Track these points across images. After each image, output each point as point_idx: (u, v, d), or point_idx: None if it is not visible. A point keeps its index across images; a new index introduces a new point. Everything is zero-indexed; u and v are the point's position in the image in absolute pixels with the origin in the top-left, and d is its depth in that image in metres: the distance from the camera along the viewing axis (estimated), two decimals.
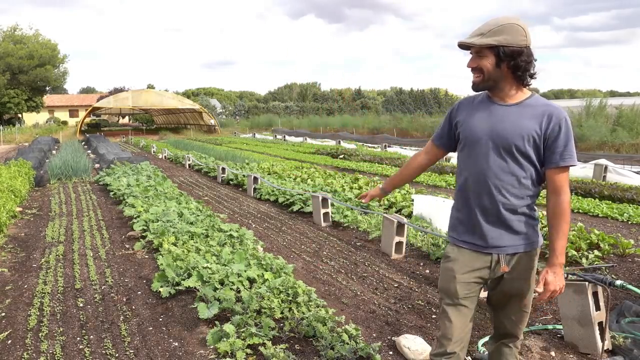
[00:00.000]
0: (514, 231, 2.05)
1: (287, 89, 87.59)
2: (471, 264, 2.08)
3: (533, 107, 1.99)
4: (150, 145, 24.22)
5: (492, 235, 2.04)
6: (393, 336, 3.51)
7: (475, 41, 1.96)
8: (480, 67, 1.98)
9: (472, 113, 2.09)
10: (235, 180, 11.49)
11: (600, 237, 5.50)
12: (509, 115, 2.00)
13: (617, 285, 3.08)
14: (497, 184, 2.00)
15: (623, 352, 3.20)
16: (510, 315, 2.21)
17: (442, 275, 2.18)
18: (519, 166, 1.99)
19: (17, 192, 8.56)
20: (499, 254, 2.06)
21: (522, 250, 2.07)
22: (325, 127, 40.17)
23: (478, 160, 2.03)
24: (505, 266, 2.06)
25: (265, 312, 3.67)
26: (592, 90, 78.00)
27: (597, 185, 9.71)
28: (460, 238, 2.13)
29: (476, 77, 2.01)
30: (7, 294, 4.44)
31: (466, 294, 2.10)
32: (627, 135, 20.02)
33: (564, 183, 1.99)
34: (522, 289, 2.13)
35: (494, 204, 2.02)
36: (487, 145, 2.00)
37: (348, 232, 6.71)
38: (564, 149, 1.96)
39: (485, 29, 1.96)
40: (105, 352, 3.33)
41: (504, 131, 1.98)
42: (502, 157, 1.99)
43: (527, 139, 1.96)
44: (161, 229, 5.80)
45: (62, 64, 44.60)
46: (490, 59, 1.96)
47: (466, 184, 2.08)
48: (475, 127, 2.05)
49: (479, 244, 2.07)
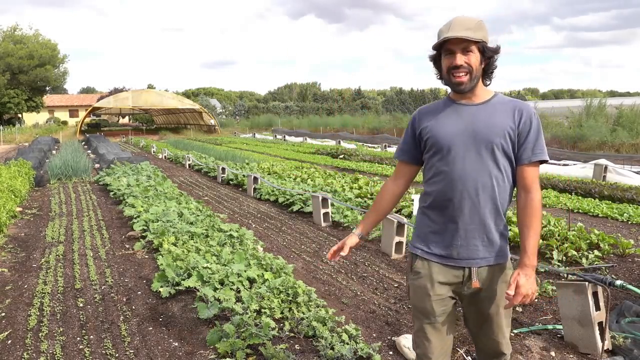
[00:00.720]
0: (489, 241, 1.93)
1: (287, 89, 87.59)
2: (443, 279, 1.97)
3: (502, 104, 1.94)
4: (150, 145, 24.23)
5: (466, 247, 1.93)
6: (393, 336, 3.51)
7: (471, 35, 1.83)
8: (470, 65, 1.87)
9: (439, 118, 1.97)
10: (235, 180, 11.49)
11: (600, 237, 5.50)
12: (480, 114, 1.91)
13: (617, 285, 3.08)
14: (478, 187, 1.89)
15: (623, 352, 3.20)
16: (491, 335, 2.03)
17: (415, 294, 2.04)
18: (498, 166, 1.89)
19: (17, 192, 8.56)
20: (471, 267, 1.93)
21: (494, 263, 1.95)
22: (325, 127, 40.17)
23: (454, 164, 1.90)
24: (476, 281, 1.93)
25: (265, 312, 3.67)
26: (592, 90, 78.08)
27: (597, 185, 9.71)
28: (430, 251, 1.99)
29: (464, 76, 1.87)
30: (7, 294, 4.44)
31: (443, 310, 1.99)
32: (627, 135, 20.02)
33: (536, 179, 1.91)
34: (499, 307, 1.98)
35: (476, 209, 1.90)
36: (463, 147, 1.89)
37: (348, 232, 6.69)
38: (535, 143, 1.89)
39: (469, 24, 1.86)
40: (105, 352, 3.33)
41: (479, 130, 1.88)
42: (481, 158, 1.88)
43: (504, 136, 1.88)
44: (161, 229, 5.80)
45: (62, 64, 44.64)
46: (476, 56, 1.87)
47: (442, 190, 1.93)
48: (446, 131, 1.93)
49: (450, 257, 1.95)
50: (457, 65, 1.86)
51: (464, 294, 2.00)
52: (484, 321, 2.03)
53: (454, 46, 1.86)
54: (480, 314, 2.02)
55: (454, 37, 1.83)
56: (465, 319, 2.12)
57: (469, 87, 1.90)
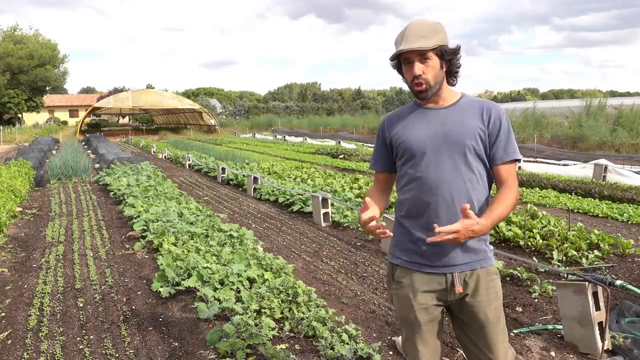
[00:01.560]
0: (467, 246, 1.88)
1: (287, 89, 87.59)
2: (425, 287, 1.92)
3: (470, 105, 1.92)
4: (150, 145, 24.23)
5: (445, 253, 1.88)
6: (393, 336, 3.51)
7: (424, 44, 1.81)
8: (426, 73, 1.85)
9: (407, 124, 1.95)
10: (235, 180, 11.49)
11: (600, 237, 5.50)
12: (449, 117, 1.90)
13: (617, 285, 3.08)
14: (452, 192, 1.85)
15: (623, 352, 3.20)
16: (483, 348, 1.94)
17: (398, 303, 1.99)
18: (471, 169, 1.87)
19: (17, 192, 8.56)
20: (452, 273, 1.89)
21: (478, 267, 1.91)
22: (325, 127, 40.16)
23: (427, 170, 1.87)
24: (459, 287, 1.88)
25: (265, 312, 3.67)
26: (592, 90, 78.03)
27: (597, 185, 9.71)
28: (410, 260, 1.94)
29: (423, 85, 1.86)
30: (7, 294, 4.44)
31: (428, 319, 1.95)
32: (627, 135, 20.01)
33: (513, 178, 1.88)
34: (488, 315, 1.91)
35: (452, 215, 1.84)
36: (434, 152, 1.87)
37: (348, 232, 6.71)
38: (507, 142, 1.87)
39: (423, 31, 1.83)
40: (105, 352, 3.33)
41: (450, 134, 1.87)
42: (453, 162, 1.86)
43: (474, 137, 1.87)
44: (161, 229, 5.81)
45: (62, 64, 44.65)
46: (435, 62, 1.85)
47: (416, 198, 1.89)
48: (416, 136, 1.91)
49: (430, 264, 1.91)
50: (416, 75, 1.85)
51: (450, 301, 1.95)
52: (473, 331, 1.95)
53: (411, 56, 1.85)
54: (470, 323, 1.95)
55: (408, 50, 1.82)
56: (455, 330, 2.05)
57: (431, 93, 1.89)
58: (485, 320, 1.91)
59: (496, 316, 1.92)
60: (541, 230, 5.80)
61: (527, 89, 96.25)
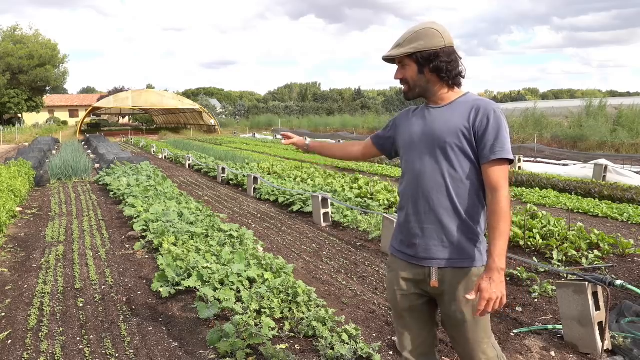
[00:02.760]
0: (449, 243, 1.92)
1: (287, 89, 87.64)
2: (406, 275, 2.03)
3: (463, 103, 1.97)
4: (150, 145, 24.23)
5: (423, 245, 1.95)
6: (393, 336, 3.51)
7: (394, 53, 1.99)
8: (406, 78, 2.01)
9: (409, 120, 2.11)
10: (235, 180, 11.49)
11: (600, 237, 5.50)
12: (441, 116, 1.98)
13: (617, 285, 3.08)
14: (432, 186, 1.93)
15: (623, 352, 3.20)
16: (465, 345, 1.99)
17: (387, 287, 2.18)
18: (452, 165, 1.91)
19: (17, 192, 8.55)
20: (430, 267, 1.95)
21: (458, 266, 1.91)
22: (325, 127, 40.16)
23: (414, 164, 2.00)
24: (435, 281, 1.93)
25: (265, 312, 3.67)
26: (592, 90, 78.11)
27: (597, 185, 9.70)
28: (398, 248, 2.08)
29: (405, 88, 2.05)
30: (7, 294, 4.44)
31: (409, 306, 2.04)
32: (627, 135, 20.01)
33: (500, 178, 1.86)
34: (465, 314, 1.92)
35: (430, 209, 1.93)
36: (420, 147, 1.99)
37: (348, 232, 6.71)
38: (495, 141, 1.86)
39: (401, 39, 2.00)
40: (105, 352, 3.33)
41: (435, 131, 1.96)
42: (435, 158, 1.94)
43: (456, 135, 1.90)
44: (161, 229, 5.80)
45: (62, 64, 44.62)
46: (412, 67, 1.98)
47: (405, 190, 2.05)
48: (409, 132, 2.06)
49: (411, 254, 2.00)
50: (397, 78, 2.06)
51: (430, 293, 2.03)
52: (453, 329, 2.00)
53: (393, 62, 2.06)
54: (448, 320, 2.01)
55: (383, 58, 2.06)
56: (441, 323, 2.12)
57: (412, 95, 2.05)
58: (462, 320, 1.95)
59: (474, 317, 1.92)
60: (541, 230, 5.81)
61: (527, 89, 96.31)
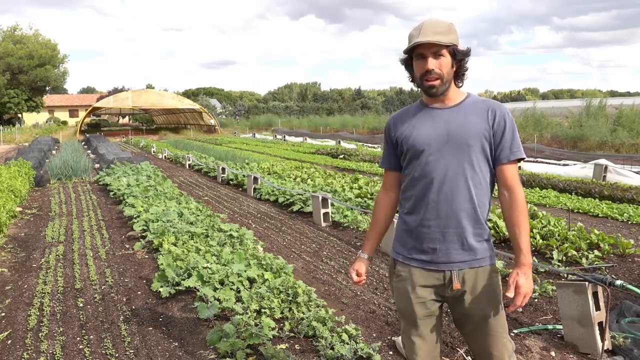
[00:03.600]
0: (468, 245, 1.91)
1: (287, 89, 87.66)
2: (424, 282, 1.96)
3: (474, 105, 1.95)
4: (150, 145, 24.23)
5: (444, 250, 1.91)
6: (393, 336, 3.51)
7: (441, 39, 1.84)
8: (441, 70, 1.87)
9: (413, 123, 1.98)
10: (235, 180, 11.49)
11: (600, 237, 5.50)
12: (454, 117, 1.92)
13: (617, 285, 3.08)
14: (455, 190, 1.89)
15: (623, 352, 3.20)
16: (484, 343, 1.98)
17: (398, 296, 2.04)
18: (474, 168, 1.90)
19: (17, 192, 8.55)
20: (451, 270, 1.92)
21: (477, 266, 1.93)
22: (325, 127, 40.16)
23: (432, 167, 1.90)
24: (457, 283, 1.91)
25: (265, 312, 3.67)
26: (592, 90, 78.09)
27: (597, 185, 9.70)
28: (409, 255, 1.98)
29: (435, 80, 1.88)
30: (7, 294, 4.44)
31: (426, 313, 1.98)
32: (627, 135, 20.01)
33: (517, 177, 1.92)
34: (486, 311, 1.94)
35: (452, 212, 1.89)
36: (440, 150, 1.90)
37: (348, 232, 6.71)
38: (512, 142, 1.90)
39: (439, 27, 1.86)
40: (105, 352, 3.33)
41: (454, 133, 1.89)
42: (456, 161, 1.89)
43: (478, 137, 1.89)
44: (161, 229, 5.80)
45: (62, 64, 44.63)
46: (447, 59, 1.88)
47: (419, 193, 1.94)
48: (420, 135, 1.93)
49: (427, 260, 1.94)
50: (429, 69, 1.87)
51: (447, 297, 1.97)
52: (473, 327, 1.99)
53: (425, 50, 1.86)
54: (468, 319, 1.99)
55: (425, 42, 1.83)
56: (456, 323, 2.09)
57: (441, 90, 1.91)
58: (484, 316, 1.95)
59: (495, 312, 1.95)
60: (541, 230, 5.80)
61: (527, 89, 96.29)
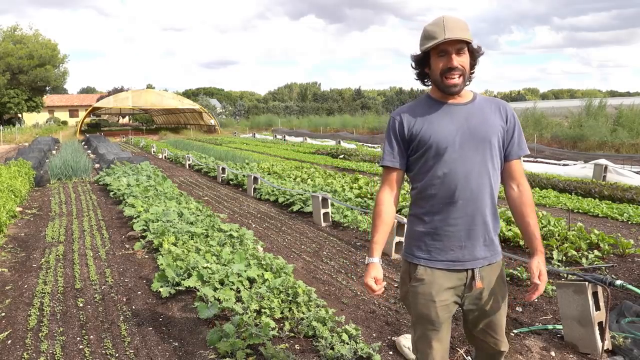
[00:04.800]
0: (489, 240, 1.96)
1: (287, 89, 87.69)
2: (448, 284, 1.94)
3: (486, 102, 1.97)
4: (150, 145, 24.23)
5: (470, 248, 1.92)
6: (393, 336, 3.51)
7: (467, 36, 1.82)
8: (463, 66, 1.86)
9: (430, 119, 1.91)
10: (235, 180, 11.49)
11: (600, 237, 5.50)
12: (472, 113, 1.91)
13: (617, 285, 3.08)
14: (480, 187, 1.89)
15: (623, 352, 3.20)
16: (492, 334, 2.05)
17: (418, 300, 1.97)
18: (494, 165, 1.93)
19: (17, 192, 8.56)
20: (474, 268, 1.94)
21: (494, 261, 2.00)
22: (325, 127, 40.16)
23: (455, 165, 1.87)
24: (479, 282, 1.94)
25: (265, 312, 3.67)
26: (592, 90, 78.07)
27: (597, 185, 9.70)
28: (433, 258, 1.94)
29: (458, 77, 1.85)
30: (7, 294, 4.44)
31: (447, 316, 1.98)
32: (627, 135, 20.02)
33: (523, 172, 2.03)
34: (499, 303, 2.02)
35: (478, 210, 1.89)
36: (462, 147, 1.87)
37: (348, 232, 6.71)
38: (519, 138, 1.98)
39: (461, 24, 1.84)
40: (105, 352, 3.33)
41: (476, 130, 1.89)
42: (480, 158, 1.89)
43: (497, 134, 1.93)
44: (161, 229, 5.80)
45: (62, 64, 44.60)
46: (467, 57, 1.88)
47: (443, 195, 1.89)
48: (441, 131, 1.88)
49: (454, 261, 1.93)
50: (453, 66, 1.83)
51: (467, 297, 1.99)
52: (484, 320, 2.04)
53: (450, 47, 1.83)
54: (482, 314, 2.03)
55: (455, 39, 1.80)
56: (465, 320, 2.10)
57: (462, 88, 1.90)
58: (497, 308, 2.02)
59: (505, 306, 2.06)
60: (541, 230, 5.81)
61: (527, 89, 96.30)
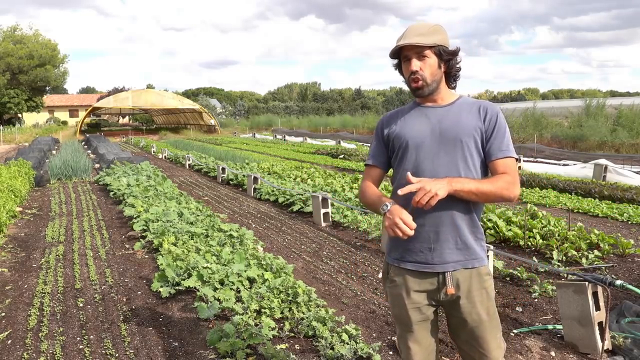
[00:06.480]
0: (463, 244, 1.90)
1: (287, 89, 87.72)
2: (417, 287, 1.94)
3: (467, 104, 1.97)
4: (150, 145, 24.23)
5: (438, 250, 1.89)
6: (393, 336, 3.51)
7: (422, 41, 1.86)
8: (424, 71, 1.89)
9: (405, 121, 1.99)
10: (235, 180, 11.50)
11: (600, 237, 5.50)
12: (447, 115, 1.94)
13: (617, 285, 3.08)
14: None
15: (623, 352, 3.21)
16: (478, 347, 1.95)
17: (392, 302, 2.02)
18: (467, 165, 1.90)
19: (17, 192, 8.56)
20: (445, 272, 1.90)
21: (470, 266, 1.91)
22: (325, 127, 40.16)
23: (424, 165, 1.90)
24: (451, 288, 1.89)
25: (265, 312, 3.67)
26: (592, 90, 77.98)
27: (597, 185, 9.71)
28: (403, 259, 1.95)
29: (419, 83, 1.90)
30: (7, 294, 4.44)
31: (420, 318, 1.97)
32: (627, 135, 20.01)
33: (510, 169, 1.89)
34: (481, 314, 1.92)
35: (447, 210, 1.87)
36: (432, 147, 1.90)
37: (348, 232, 6.71)
38: (502, 140, 1.91)
39: (422, 30, 1.88)
40: (105, 352, 3.33)
41: (447, 130, 1.90)
42: (450, 158, 1.89)
43: (471, 134, 1.90)
44: (161, 229, 5.80)
45: (62, 64, 44.62)
46: (432, 60, 1.89)
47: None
48: (413, 132, 1.94)
49: (425, 262, 1.91)
50: (413, 70, 1.89)
51: (443, 301, 1.95)
52: (464, 330, 1.96)
53: (409, 53, 1.89)
54: (461, 323, 1.96)
55: (407, 44, 1.87)
56: (448, 326, 2.06)
57: (428, 91, 1.92)
58: (479, 320, 1.93)
59: (489, 315, 1.94)
60: (541, 230, 5.80)
61: (527, 89, 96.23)
